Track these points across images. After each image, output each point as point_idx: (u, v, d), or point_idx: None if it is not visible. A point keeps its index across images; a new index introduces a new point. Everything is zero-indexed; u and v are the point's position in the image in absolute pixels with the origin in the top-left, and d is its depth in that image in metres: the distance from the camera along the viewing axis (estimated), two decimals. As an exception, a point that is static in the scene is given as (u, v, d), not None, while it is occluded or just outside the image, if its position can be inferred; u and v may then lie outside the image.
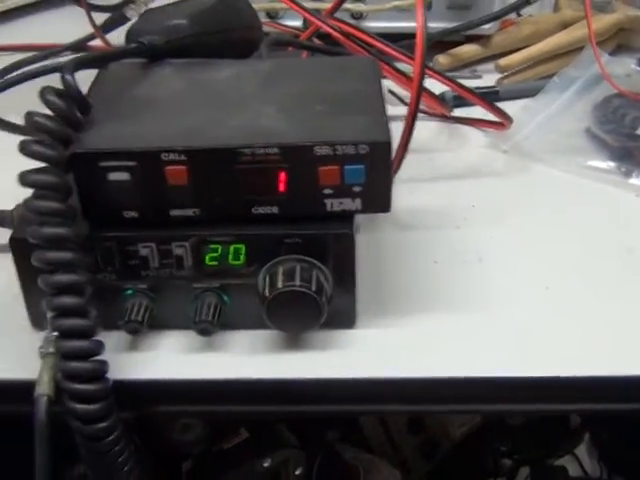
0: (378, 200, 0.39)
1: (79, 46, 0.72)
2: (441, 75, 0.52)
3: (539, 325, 0.41)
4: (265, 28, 0.57)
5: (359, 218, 0.41)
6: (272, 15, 0.70)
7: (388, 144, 0.37)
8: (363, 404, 0.40)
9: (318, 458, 0.73)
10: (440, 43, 0.69)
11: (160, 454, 0.64)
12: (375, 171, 0.37)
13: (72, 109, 0.38)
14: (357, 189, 0.38)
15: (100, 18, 0.70)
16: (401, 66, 0.54)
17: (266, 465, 0.65)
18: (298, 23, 0.68)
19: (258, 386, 0.39)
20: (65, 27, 0.75)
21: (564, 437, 0.78)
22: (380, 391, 0.39)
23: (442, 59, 0.67)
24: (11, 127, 0.59)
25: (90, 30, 0.70)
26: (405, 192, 0.40)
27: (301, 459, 0.68)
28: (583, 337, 0.40)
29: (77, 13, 0.71)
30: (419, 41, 0.44)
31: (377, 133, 0.37)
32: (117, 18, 0.70)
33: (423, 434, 0.84)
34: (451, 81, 0.52)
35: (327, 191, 0.38)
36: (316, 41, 0.62)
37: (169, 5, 0.49)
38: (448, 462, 0.82)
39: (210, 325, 0.39)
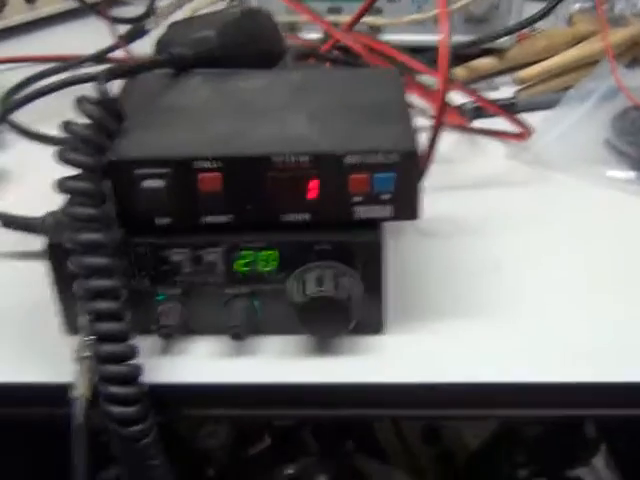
0: (406, 208, 0.39)
1: (101, 57, 0.73)
2: (463, 87, 0.53)
3: (561, 331, 0.42)
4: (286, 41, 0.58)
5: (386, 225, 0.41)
6: (292, 28, 0.71)
7: (416, 153, 0.38)
8: (391, 408, 0.41)
9: (335, 467, 0.74)
10: (455, 55, 0.69)
11: (185, 459, 0.65)
12: (404, 179, 0.38)
13: (107, 117, 0.39)
14: (386, 197, 0.39)
15: (121, 29, 0.71)
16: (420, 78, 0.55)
17: (289, 472, 0.65)
18: (318, 36, 0.69)
19: (288, 390, 0.39)
20: (86, 38, 0.76)
21: (581, 447, 0.78)
22: (408, 396, 0.40)
23: (460, 71, 0.68)
24: (39, 137, 0.60)
25: (111, 41, 0.71)
26: (428, 201, 0.41)
27: (322, 468, 0.69)
28: (605, 343, 0.41)
29: (98, 25, 0.72)
30: (443, 53, 0.45)
31: (406, 142, 0.38)
32: (138, 30, 0.71)
33: (439, 444, 0.84)
34: (473, 93, 0.53)
35: (357, 199, 0.39)
36: (336, 53, 0.63)
37: (196, 17, 0.50)
38: (464, 472, 0.82)
39: (241, 330, 0.40)
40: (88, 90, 0.40)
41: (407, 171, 0.38)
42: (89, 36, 0.76)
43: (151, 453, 0.37)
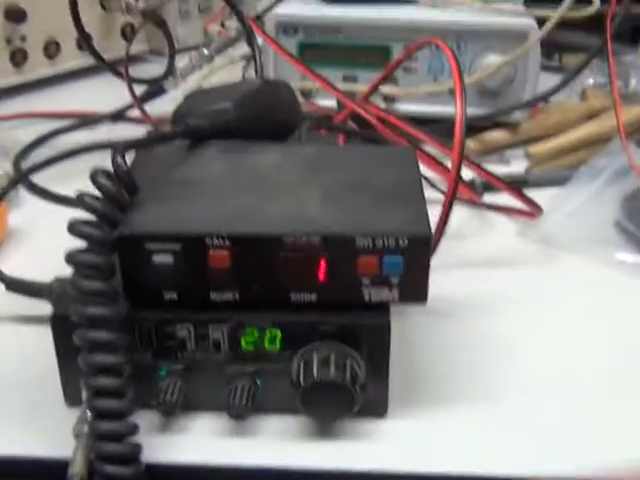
0: (415, 291, 0.39)
1: (118, 116, 0.74)
2: (474, 164, 0.53)
3: (577, 418, 0.41)
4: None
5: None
6: (306, 94, 0.71)
7: (428, 238, 0.38)
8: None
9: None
10: (467, 127, 0.70)
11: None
12: (413, 263, 0.38)
13: (120, 191, 0.39)
14: (395, 280, 0.38)
15: (138, 88, 0.71)
16: (430, 149, 0.55)
17: None
18: (331, 103, 0.69)
19: (288, 475, 0.39)
20: (104, 95, 0.77)
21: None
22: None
23: (472, 144, 0.69)
24: (53, 198, 0.60)
25: (129, 98, 0.72)
26: (435, 278, 0.40)
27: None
28: (622, 431, 0.40)
29: (116, 82, 0.73)
30: (458, 131, 0.45)
31: (417, 226, 0.38)
32: (155, 89, 0.72)
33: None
34: (483, 170, 0.53)
35: (365, 281, 0.38)
36: (350, 123, 0.63)
37: (215, 88, 0.50)
38: None
39: (243, 409, 0.39)
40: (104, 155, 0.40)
41: (417, 255, 0.38)
42: (107, 93, 0.77)
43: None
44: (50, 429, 0.39)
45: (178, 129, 0.45)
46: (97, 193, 0.38)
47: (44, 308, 0.41)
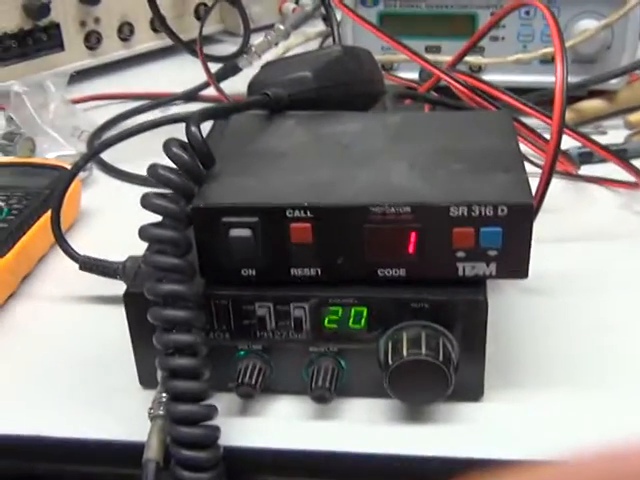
0: (515, 266, 0.36)
1: (192, 95, 0.73)
2: (573, 131, 0.49)
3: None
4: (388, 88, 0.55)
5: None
6: (387, 67, 0.68)
7: (530, 206, 0.34)
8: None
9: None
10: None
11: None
12: (514, 235, 0.35)
13: (195, 163, 0.37)
14: (493, 253, 0.35)
15: (212, 68, 0.70)
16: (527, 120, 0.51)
17: None
18: (414, 75, 0.66)
19: (375, 461, 0.36)
20: (179, 76, 0.76)
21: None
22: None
23: (567, 115, 0.64)
24: (126, 176, 0.59)
25: (202, 79, 0.70)
26: (533, 253, 0.37)
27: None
28: None
29: (192, 62, 0.72)
30: (558, 97, 0.41)
31: (518, 194, 0.35)
32: (230, 68, 0.70)
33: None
34: (584, 137, 0.49)
35: (460, 254, 0.35)
36: (435, 95, 0.60)
37: (292, 57, 0.48)
38: None
39: (327, 392, 0.36)
40: (179, 130, 0.38)
41: (518, 225, 0.34)
42: (181, 74, 0.76)
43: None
44: (125, 412, 0.38)
45: (256, 98, 0.42)
46: (171, 165, 0.36)
47: (119, 288, 0.39)
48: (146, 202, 0.35)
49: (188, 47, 0.73)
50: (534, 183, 0.43)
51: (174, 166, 0.36)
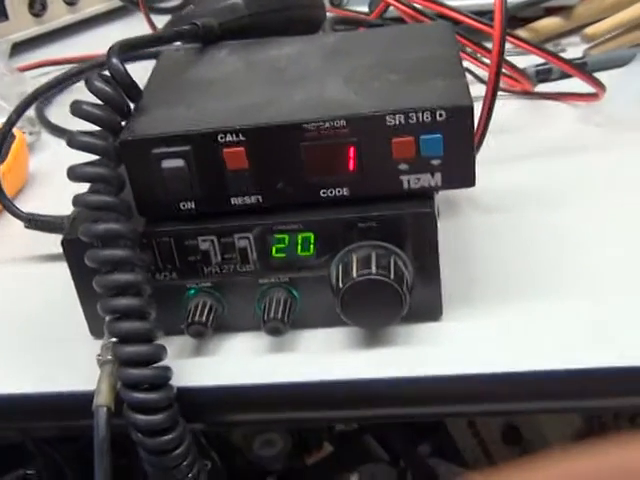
0: (460, 174, 0.34)
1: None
2: (532, 45, 0.47)
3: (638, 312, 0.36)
4: (328, 15, 0.53)
5: (439, 201, 0.36)
6: (335, 3, 0.66)
7: (469, 108, 0.33)
8: (453, 404, 0.36)
9: (409, 474, 0.68)
10: (516, 18, 0.64)
11: (240, 471, 0.60)
12: (455, 140, 0.33)
13: (120, 95, 0.35)
14: (436, 162, 0.34)
15: (162, 21, 0.67)
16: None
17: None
18: (363, 9, 0.64)
19: (335, 389, 0.35)
20: (125, 37, 0.74)
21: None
22: (472, 389, 0.35)
23: (523, 34, 0.62)
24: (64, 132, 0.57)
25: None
26: (486, 173, 0.35)
27: (391, 474, 0.64)
28: None
29: (140, 23, 0.69)
30: (498, 4, 0.40)
31: (455, 97, 0.33)
32: (177, 21, 0.68)
33: (520, 444, 0.77)
34: (540, 49, 0.47)
35: (402, 166, 0.34)
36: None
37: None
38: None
39: (280, 324, 0.35)
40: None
41: (458, 130, 0.33)
42: (132, 35, 0.74)
43: (183, 466, 0.33)
44: (77, 363, 0.36)
45: (182, 28, 0.40)
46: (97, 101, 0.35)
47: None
48: (72, 141, 0.34)
49: (132, 2, 0.71)
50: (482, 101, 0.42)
51: (99, 102, 0.34)
